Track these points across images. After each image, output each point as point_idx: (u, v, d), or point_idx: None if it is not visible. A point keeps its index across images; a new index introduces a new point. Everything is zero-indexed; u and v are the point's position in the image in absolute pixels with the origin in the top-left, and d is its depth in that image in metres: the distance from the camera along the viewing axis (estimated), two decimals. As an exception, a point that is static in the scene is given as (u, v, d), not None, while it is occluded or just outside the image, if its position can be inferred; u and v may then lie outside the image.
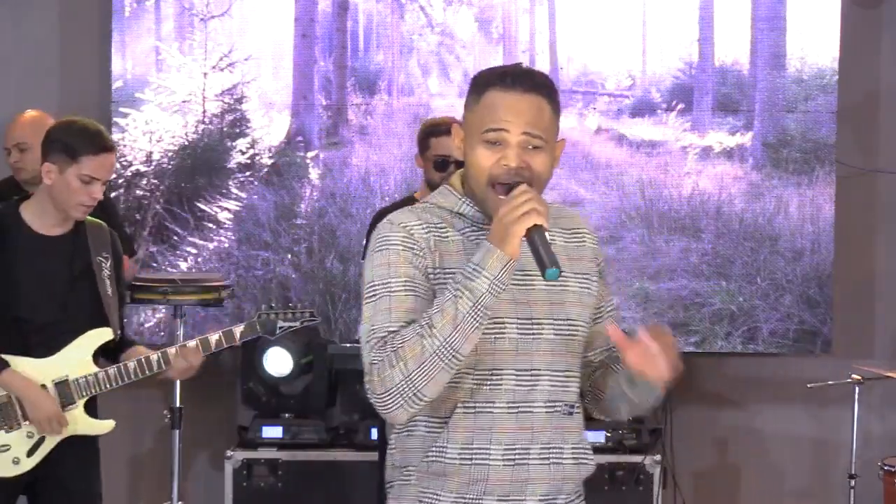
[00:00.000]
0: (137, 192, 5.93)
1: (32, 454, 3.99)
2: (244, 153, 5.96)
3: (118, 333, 4.12)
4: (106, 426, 4.13)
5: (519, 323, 2.50)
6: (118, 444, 5.88)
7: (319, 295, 5.88)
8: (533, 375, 2.51)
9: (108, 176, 4.06)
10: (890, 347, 5.99)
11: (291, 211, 5.94)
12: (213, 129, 5.96)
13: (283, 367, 5.45)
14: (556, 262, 2.39)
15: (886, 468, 5.01)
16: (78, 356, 4.02)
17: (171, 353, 4.09)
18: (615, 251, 5.83)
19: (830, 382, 5.28)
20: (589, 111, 5.94)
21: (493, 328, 2.44)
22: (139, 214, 5.92)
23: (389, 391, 2.40)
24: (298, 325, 4.40)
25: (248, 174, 5.96)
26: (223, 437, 5.83)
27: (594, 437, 5.35)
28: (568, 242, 2.60)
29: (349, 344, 5.53)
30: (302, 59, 5.97)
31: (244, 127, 5.97)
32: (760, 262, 5.83)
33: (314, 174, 5.96)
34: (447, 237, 2.52)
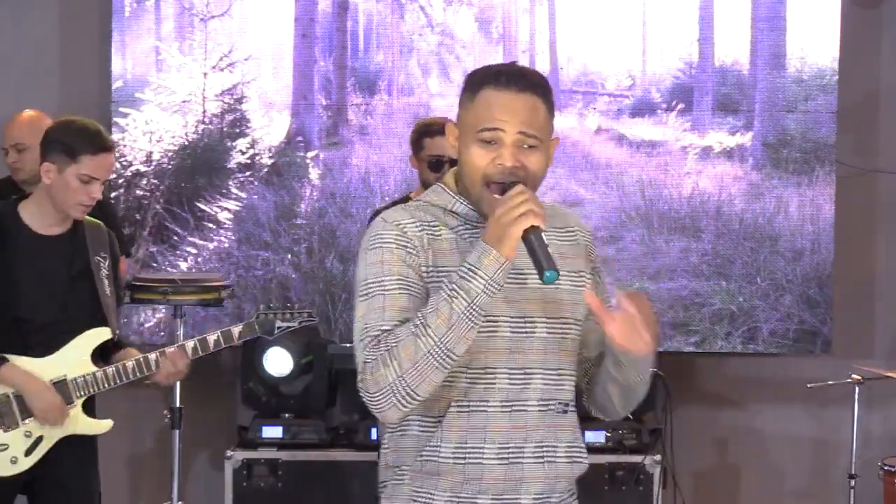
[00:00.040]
0: (137, 192, 5.93)
1: (30, 454, 3.99)
2: (244, 153, 5.96)
3: (116, 333, 4.12)
4: (104, 426, 4.13)
5: (512, 321, 2.50)
6: (118, 444, 5.89)
7: (319, 295, 5.88)
8: (526, 374, 2.51)
9: (107, 176, 4.06)
10: (890, 347, 5.99)
11: (291, 211, 5.94)
12: (213, 129, 5.96)
13: (283, 367, 5.45)
14: (554, 265, 2.38)
15: (886, 468, 5.01)
16: (76, 356, 4.02)
17: (168, 351, 4.09)
18: (615, 251, 5.83)
19: (830, 382, 5.29)
20: (589, 111, 5.94)
21: (486, 327, 2.44)
22: (139, 214, 5.92)
23: (382, 390, 2.39)
24: (297, 325, 4.40)
25: (248, 174, 5.96)
26: (223, 437, 5.83)
27: (594, 437, 5.35)
28: (561, 241, 2.60)
29: (349, 344, 5.52)
30: (302, 59, 5.97)
31: (244, 127, 5.97)
32: (760, 262, 5.83)
33: (314, 174, 5.96)
34: (440, 235, 2.52)
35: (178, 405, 5.10)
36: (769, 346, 5.83)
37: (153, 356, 4.06)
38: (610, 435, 5.40)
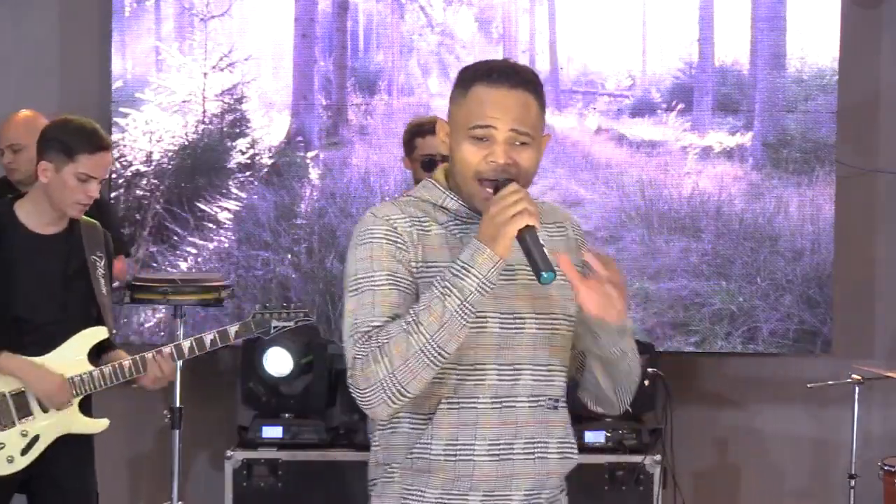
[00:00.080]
0: (137, 192, 5.93)
1: (27, 453, 3.98)
2: (244, 153, 5.97)
3: (113, 333, 4.12)
4: (100, 425, 4.12)
5: (501, 317, 2.49)
6: (118, 444, 5.89)
7: (319, 295, 5.88)
8: (515, 370, 2.50)
9: (104, 174, 4.05)
10: (890, 347, 5.99)
11: (291, 211, 5.94)
12: (213, 129, 5.96)
13: (283, 367, 5.44)
14: (551, 266, 2.38)
15: (886, 468, 5.01)
16: (73, 355, 4.02)
17: (165, 351, 4.09)
18: (615, 251, 5.83)
19: (830, 382, 5.29)
20: (589, 111, 5.94)
21: (475, 323, 2.43)
22: (139, 214, 5.92)
23: (372, 386, 2.39)
24: (293, 324, 4.40)
25: (248, 174, 5.96)
26: (223, 437, 5.83)
27: (594, 437, 5.35)
28: (551, 235, 2.59)
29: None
30: (302, 59, 5.97)
31: (244, 127, 5.97)
32: (760, 262, 5.83)
33: (314, 174, 5.96)
34: (430, 231, 2.52)
35: (178, 405, 5.10)
36: (769, 346, 5.83)
37: (150, 355, 4.06)
38: (610, 435, 5.39)
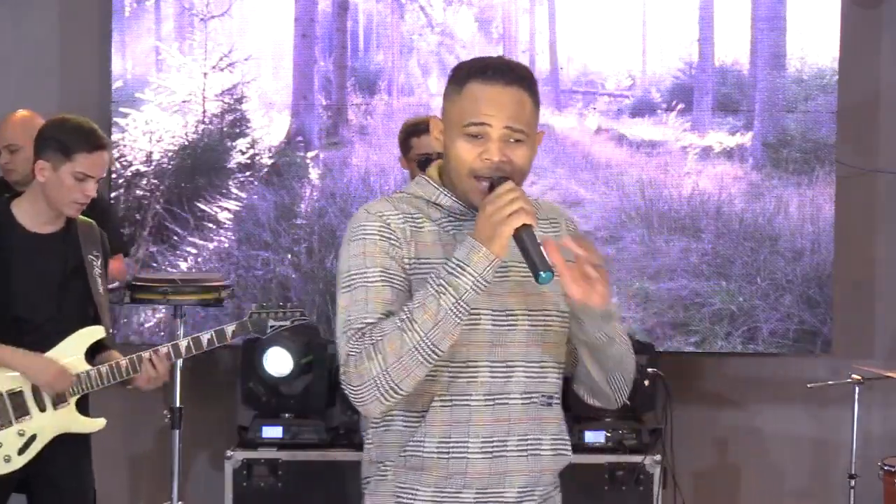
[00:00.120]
0: (137, 192, 5.93)
1: (24, 452, 3.98)
2: (244, 153, 5.96)
3: (110, 332, 4.12)
4: (97, 424, 4.12)
5: (493, 314, 2.49)
6: (118, 444, 5.90)
7: (319, 295, 5.88)
8: (508, 367, 2.50)
9: (101, 173, 4.04)
10: (890, 347, 5.99)
11: (291, 211, 5.94)
12: (213, 129, 5.96)
13: (283, 367, 5.44)
14: (548, 265, 2.37)
15: (886, 468, 5.01)
16: (70, 354, 4.02)
17: (162, 351, 4.09)
18: (615, 251, 5.83)
19: (830, 382, 5.29)
20: (589, 111, 5.94)
21: (468, 320, 2.42)
22: (139, 214, 5.92)
23: (366, 383, 2.40)
24: (289, 323, 4.41)
25: (248, 174, 5.96)
26: (223, 437, 5.83)
27: (594, 437, 5.35)
28: (544, 232, 2.57)
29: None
30: (302, 59, 5.97)
31: (244, 127, 5.97)
32: (760, 262, 5.83)
33: (314, 174, 5.96)
34: (423, 228, 2.51)
35: (178, 405, 5.10)
36: (769, 346, 5.83)
37: (146, 354, 4.05)
38: (610, 435, 5.39)
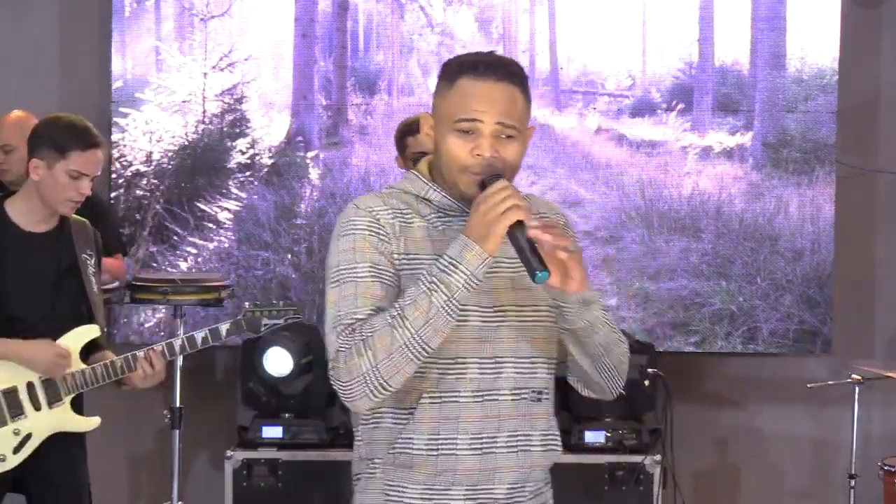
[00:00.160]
0: (137, 192, 5.93)
1: (19, 451, 3.98)
2: (244, 153, 5.97)
3: (104, 331, 4.12)
4: (92, 423, 4.12)
5: (482, 311, 2.48)
6: (118, 444, 5.90)
7: (319, 295, 5.88)
8: (497, 363, 2.50)
9: (96, 171, 4.04)
10: (889, 347, 5.99)
11: (291, 211, 5.94)
12: (213, 129, 5.96)
13: (283, 367, 5.44)
14: (544, 264, 2.37)
15: (886, 468, 5.01)
16: None
17: (156, 349, 4.09)
18: (615, 251, 5.83)
19: (830, 382, 5.29)
20: (589, 111, 5.94)
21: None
22: (139, 214, 5.92)
23: (355, 379, 2.38)
24: (282, 322, 4.42)
25: (248, 174, 5.96)
26: (223, 437, 5.83)
27: (594, 437, 5.35)
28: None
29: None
30: (302, 59, 5.97)
31: (244, 127, 5.97)
32: (760, 262, 5.83)
33: (314, 174, 5.96)
34: (412, 223, 2.51)
35: (178, 405, 5.10)
36: (769, 346, 5.84)
37: (141, 353, 4.05)
38: (610, 435, 5.39)
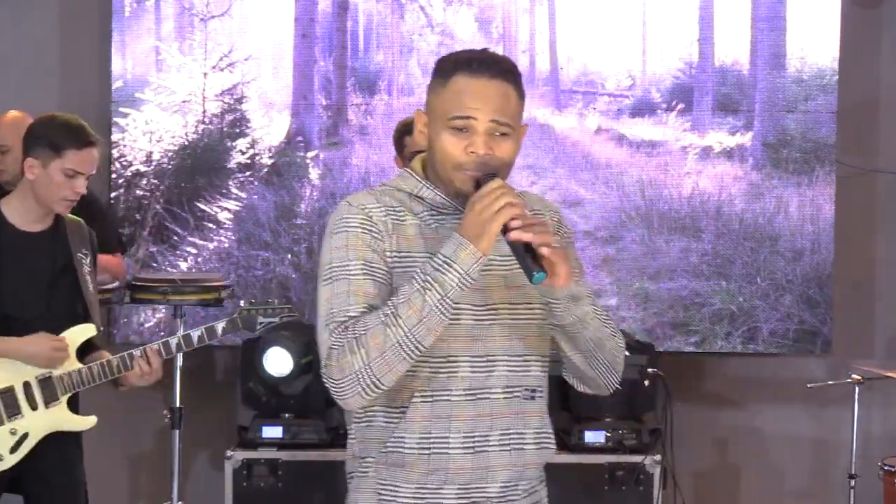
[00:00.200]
0: (137, 192, 5.93)
1: (15, 451, 3.97)
2: (244, 153, 5.97)
3: (101, 330, 4.12)
4: (88, 422, 4.11)
5: (474, 309, 2.48)
6: (118, 443, 5.90)
7: (319, 295, 5.87)
8: (489, 361, 2.49)
9: (91, 170, 4.03)
10: (889, 347, 5.99)
11: (291, 211, 5.95)
12: (213, 129, 5.96)
13: (283, 367, 5.44)
14: (541, 265, 2.36)
15: (886, 468, 5.01)
16: None
17: (152, 348, 4.08)
18: (615, 251, 5.84)
19: (830, 382, 5.29)
20: (589, 111, 5.94)
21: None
22: (139, 214, 5.92)
23: (347, 377, 2.38)
24: (277, 320, 4.44)
25: (248, 174, 5.97)
26: (223, 437, 5.83)
27: (594, 437, 5.34)
28: None
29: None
30: (302, 59, 5.97)
31: (244, 127, 5.97)
32: (760, 262, 5.83)
33: (314, 174, 5.96)
34: (405, 221, 2.51)
35: (178, 405, 5.10)
36: (769, 346, 5.84)
37: (138, 352, 4.05)
38: (610, 435, 5.39)
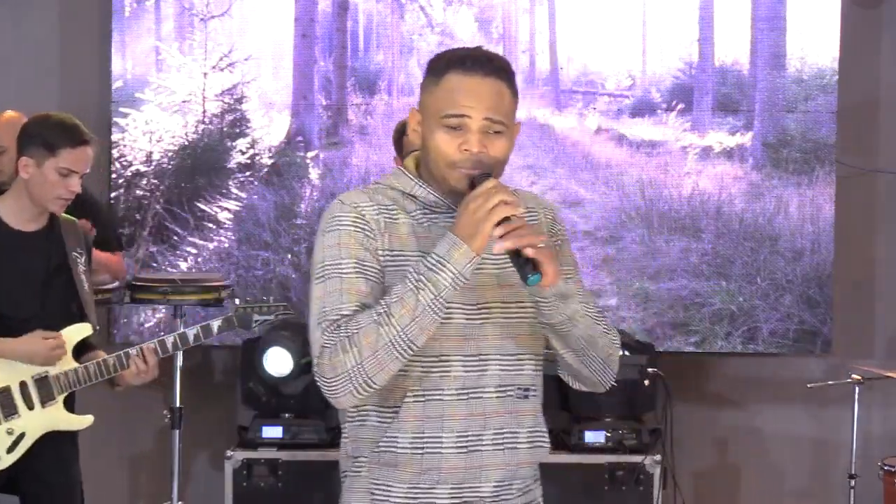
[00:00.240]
0: (137, 192, 5.93)
1: (12, 451, 3.98)
2: (244, 153, 5.97)
3: (97, 329, 4.12)
4: (85, 421, 4.12)
5: (466, 308, 2.47)
6: (118, 443, 5.90)
7: (319, 295, 5.87)
8: (481, 361, 2.49)
9: (85, 169, 4.04)
10: (889, 347, 5.99)
11: (291, 211, 5.95)
12: (213, 129, 5.96)
13: (283, 367, 5.44)
14: (536, 267, 2.36)
15: (886, 468, 5.01)
16: None
17: (149, 347, 4.09)
18: (615, 251, 5.84)
19: (830, 382, 5.29)
20: (589, 111, 5.94)
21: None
22: (139, 214, 5.92)
23: (339, 376, 2.38)
24: (273, 318, 4.45)
25: (248, 174, 5.97)
26: (223, 437, 5.83)
27: (594, 437, 5.34)
28: None
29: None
30: (302, 59, 5.97)
31: (244, 127, 5.97)
32: (760, 262, 5.83)
33: (314, 174, 5.96)
34: (398, 219, 2.50)
35: (178, 405, 5.10)
36: (769, 346, 5.84)
37: (134, 350, 4.05)
38: (610, 435, 5.39)
